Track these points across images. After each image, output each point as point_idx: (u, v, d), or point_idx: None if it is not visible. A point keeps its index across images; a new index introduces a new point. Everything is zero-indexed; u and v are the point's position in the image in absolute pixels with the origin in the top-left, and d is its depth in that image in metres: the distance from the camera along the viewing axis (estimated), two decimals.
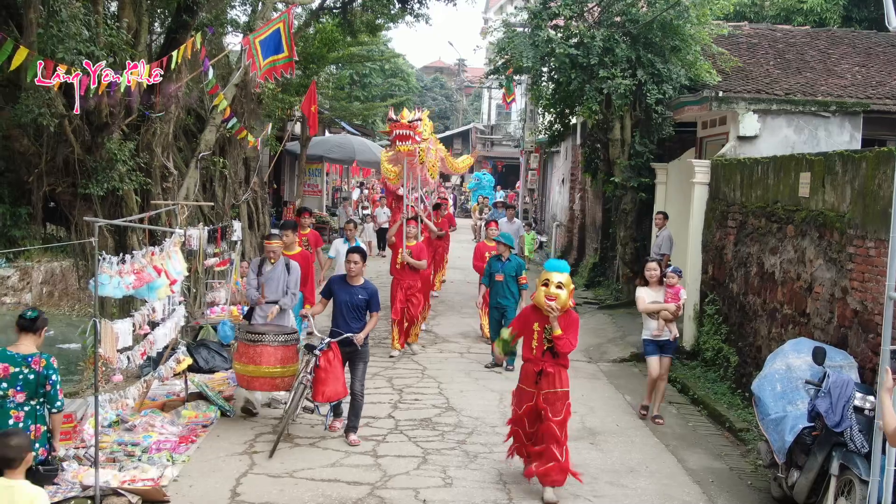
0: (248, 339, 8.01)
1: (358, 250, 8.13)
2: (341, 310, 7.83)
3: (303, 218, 12.09)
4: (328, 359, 7.60)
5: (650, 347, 8.99)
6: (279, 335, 8.04)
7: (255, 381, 8.03)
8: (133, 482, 6.45)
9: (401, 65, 43.13)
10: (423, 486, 6.88)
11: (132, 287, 6.70)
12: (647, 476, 7.36)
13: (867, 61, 14.27)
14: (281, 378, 8.02)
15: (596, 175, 16.42)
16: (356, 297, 7.84)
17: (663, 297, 8.90)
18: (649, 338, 8.98)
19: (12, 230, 10.11)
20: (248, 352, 7.98)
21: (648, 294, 8.94)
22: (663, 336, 8.86)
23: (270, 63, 10.36)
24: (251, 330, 8.15)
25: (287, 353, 8.05)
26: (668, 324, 8.84)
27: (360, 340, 7.78)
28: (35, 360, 5.52)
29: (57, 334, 16.82)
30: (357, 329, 7.78)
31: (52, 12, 8.62)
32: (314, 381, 7.62)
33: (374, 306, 7.92)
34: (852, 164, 7.56)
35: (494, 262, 10.98)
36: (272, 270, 8.72)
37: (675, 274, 9.02)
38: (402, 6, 18.07)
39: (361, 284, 7.95)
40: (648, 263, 9.13)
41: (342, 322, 7.82)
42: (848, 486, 5.85)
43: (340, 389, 7.70)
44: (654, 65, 13.54)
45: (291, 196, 25.23)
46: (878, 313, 6.72)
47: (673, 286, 8.92)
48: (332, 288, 7.98)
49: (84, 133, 10.10)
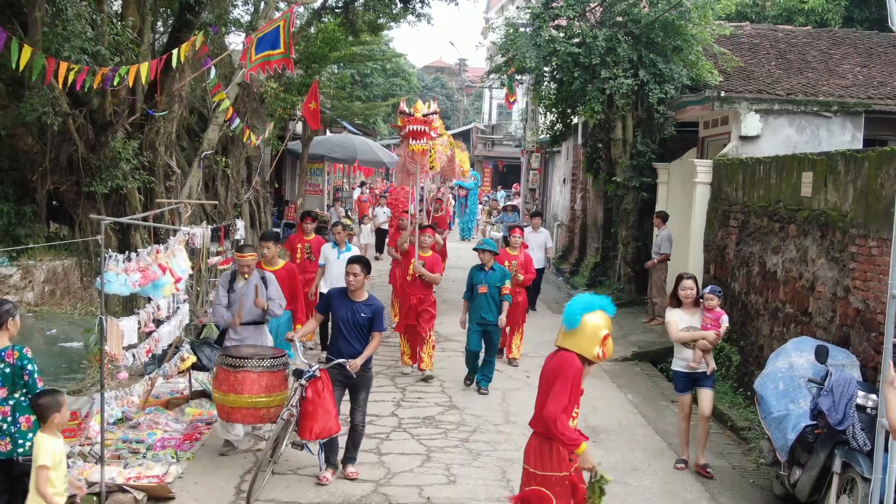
0: (228, 365, 6.88)
1: (360, 260, 7.09)
2: (340, 329, 6.83)
3: (306, 223, 11.22)
4: (316, 389, 6.52)
5: (682, 382, 7.51)
6: (264, 359, 6.90)
7: (237, 412, 6.90)
8: (138, 479, 6.48)
9: (402, 64, 43.16)
10: (426, 483, 6.91)
11: (138, 285, 6.72)
12: (650, 474, 7.39)
13: (869, 61, 14.30)
14: (266, 409, 6.87)
15: (597, 175, 16.45)
16: (358, 315, 6.79)
17: (699, 321, 7.41)
18: (682, 370, 7.48)
19: (16, 228, 10.13)
20: (227, 379, 6.86)
21: (682, 318, 7.41)
22: (699, 368, 7.41)
23: (264, 57, 10.15)
24: (231, 353, 7.02)
25: (273, 380, 6.89)
26: (705, 355, 7.39)
27: (356, 366, 6.65)
28: (8, 354, 5.49)
29: (59, 333, 16.86)
30: (358, 351, 6.75)
31: (57, 11, 8.63)
32: (301, 416, 6.52)
33: (377, 325, 6.85)
34: (854, 163, 7.59)
35: (476, 272, 9.78)
36: (245, 286, 7.69)
37: (714, 295, 7.42)
38: (404, 6, 18.08)
39: (365, 300, 6.91)
40: (683, 281, 7.46)
41: (342, 342, 6.82)
42: (850, 484, 5.87)
43: (332, 425, 6.55)
44: (655, 65, 13.57)
45: (293, 195, 25.25)
46: (880, 312, 6.75)
47: (712, 310, 7.41)
48: (330, 302, 6.97)
49: (88, 132, 10.12)
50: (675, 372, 7.64)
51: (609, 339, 5.03)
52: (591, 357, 4.97)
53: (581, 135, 18.98)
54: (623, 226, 15.08)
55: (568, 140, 20.72)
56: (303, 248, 11.10)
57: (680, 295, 7.44)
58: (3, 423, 5.48)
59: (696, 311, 7.45)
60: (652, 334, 12.84)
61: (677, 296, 7.47)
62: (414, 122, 9.94)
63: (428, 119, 9.97)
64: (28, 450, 5.53)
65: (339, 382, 6.79)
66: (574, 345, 4.99)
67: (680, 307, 7.46)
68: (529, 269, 11.08)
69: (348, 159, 26.69)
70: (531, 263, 11.30)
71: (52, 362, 13.85)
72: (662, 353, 11.71)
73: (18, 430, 5.51)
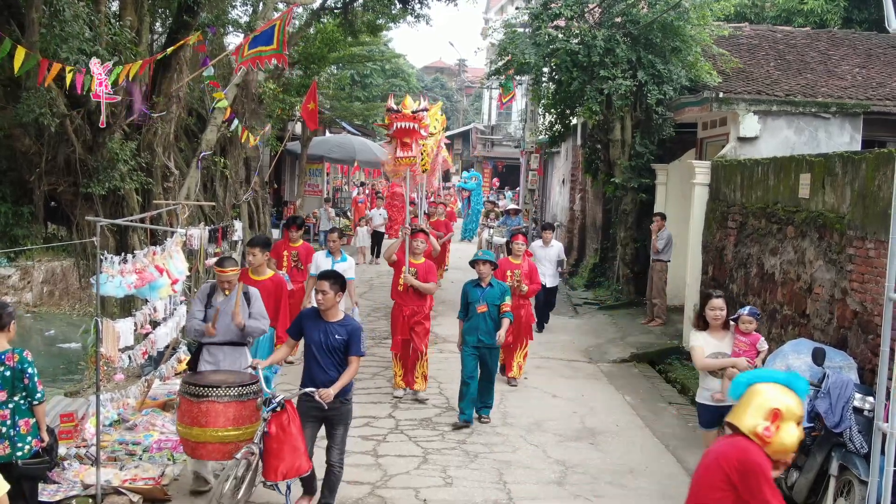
0: (190, 394, 6.00)
1: (330, 276, 6.17)
2: (314, 354, 6.03)
3: (291, 231, 10.40)
4: (281, 423, 5.76)
5: (707, 416, 6.61)
6: (231, 387, 5.99)
7: (202, 447, 6.01)
8: (134, 481, 6.47)
9: (401, 65, 43.16)
10: (423, 485, 6.90)
11: (134, 286, 6.72)
12: (647, 476, 7.38)
13: (867, 62, 14.30)
14: (236, 443, 5.98)
15: (596, 175, 16.45)
16: (332, 338, 5.99)
17: (730, 346, 6.53)
18: (707, 402, 6.58)
19: (14, 229, 10.13)
20: (190, 410, 5.97)
21: (709, 342, 6.53)
22: (727, 402, 6.09)
23: (256, 53, 10.06)
24: (194, 381, 6.11)
25: (243, 410, 5.99)
26: None
27: (329, 396, 5.80)
28: (8, 357, 5.49)
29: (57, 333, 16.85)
30: (333, 380, 5.92)
31: (54, 11, 8.63)
32: (265, 454, 5.78)
33: (354, 348, 6.04)
34: (852, 165, 7.58)
35: (472, 288, 8.63)
36: (225, 302, 6.75)
37: (752, 317, 6.55)
38: (404, 6, 18.09)
39: (339, 320, 6.10)
40: (712, 300, 6.57)
41: (315, 370, 6.02)
42: (847, 487, 5.86)
43: (301, 463, 5.83)
44: (654, 65, 13.56)
45: (292, 196, 25.25)
46: (877, 314, 6.74)
47: (748, 333, 6.53)
48: (301, 324, 6.18)
49: (85, 132, 10.12)
50: (699, 404, 6.72)
51: (786, 421, 3.64)
52: (748, 431, 3.65)
53: (580, 136, 18.98)
54: (622, 227, 15.08)
55: (567, 141, 20.71)
56: (289, 255, 10.29)
57: (708, 316, 6.53)
58: (3, 426, 5.48)
59: (726, 334, 6.56)
60: (650, 335, 12.83)
61: (704, 317, 6.56)
62: (402, 120, 8.92)
63: (417, 116, 8.97)
64: (27, 453, 5.54)
65: (312, 417, 6.01)
66: (737, 418, 3.71)
67: (707, 330, 6.57)
68: (534, 279, 10.27)
69: (347, 160, 26.72)
70: (536, 273, 10.44)
71: (51, 363, 13.84)
72: (661, 354, 11.72)
73: (18, 433, 5.52)
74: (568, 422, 8.83)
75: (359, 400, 9.14)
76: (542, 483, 7.09)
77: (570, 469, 7.44)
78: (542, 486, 7.01)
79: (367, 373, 10.35)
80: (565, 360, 11.60)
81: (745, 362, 6.34)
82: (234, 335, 6.75)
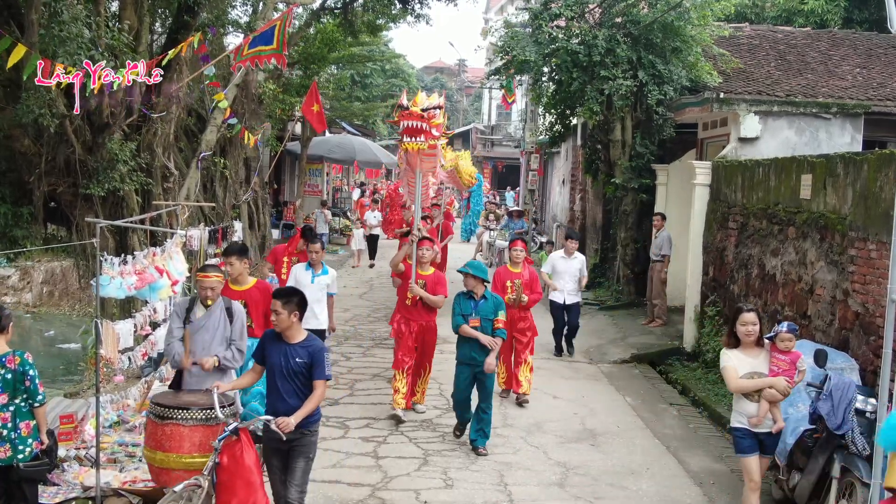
0: (155, 415, 5.48)
1: (283, 294, 5.51)
2: (275, 379, 5.46)
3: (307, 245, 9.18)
4: (234, 454, 5.22)
5: (746, 442, 5.95)
6: (198, 409, 5.40)
7: (167, 474, 5.46)
8: (134, 483, 6.45)
9: (401, 65, 43.21)
10: (423, 487, 6.88)
11: (134, 288, 6.71)
12: (648, 478, 7.36)
13: (868, 63, 14.29)
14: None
15: (597, 176, 16.44)
16: (292, 361, 5.39)
17: (765, 364, 5.92)
18: (744, 426, 5.94)
19: (14, 230, 10.13)
20: (155, 433, 5.44)
21: (742, 361, 5.91)
22: (763, 427, 5.91)
23: (255, 52, 10.02)
24: (160, 401, 5.59)
25: (210, 435, 5.38)
26: (771, 408, 5.89)
27: (288, 426, 5.15)
28: (9, 359, 5.47)
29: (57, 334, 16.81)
30: (294, 408, 5.30)
31: (53, 13, 8.62)
32: (217, 489, 5.21)
33: (318, 371, 5.40)
34: (854, 166, 7.56)
35: (465, 300, 7.90)
36: (206, 318, 6.18)
37: (791, 334, 5.89)
38: (403, 6, 18.10)
39: (301, 341, 5.47)
40: (744, 315, 5.90)
41: (274, 397, 5.45)
42: (849, 489, 5.85)
43: (257, 499, 5.26)
44: (655, 66, 13.55)
45: (292, 196, 25.25)
46: (879, 315, 6.72)
47: (787, 351, 5.90)
48: (263, 347, 5.60)
49: (85, 133, 10.13)
50: (734, 429, 6.06)
51: None
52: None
53: (580, 136, 18.97)
54: (622, 227, 15.07)
55: (567, 141, 20.71)
56: (290, 262, 9.63)
57: (739, 333, 5.90)
58: (4, 429, 5.47)
59: (761, 351, 5.95)
60: (651, 336, 12.81)
61: (735, 333, 5.95)
62: (409, 118, 7.95)
63: (428, 114, 7.97)
64: (28, 456, 5.52)
65: (273, 449, 5.43)
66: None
67: (738, 347, 5.96)
68: (535, 289, 9.61)
69: (347, 160, 26.73)
70: (537, 282, 9.72)
71: (50, 364, 13.80)
72: (661, 355, 11.70)
73: (19, 436, 5.50)
74: (568, 423, 8.82)
75: (359, 401, 9.17)
76: (543, 485, 7.08)
77: (571, 470, 7.42)
78: (543, 488, 7.00)
79: (367, 373, 10.34)
80: (565, 361, 11.59)
81: (783, 382, 5.80)
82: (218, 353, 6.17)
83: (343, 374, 10.25)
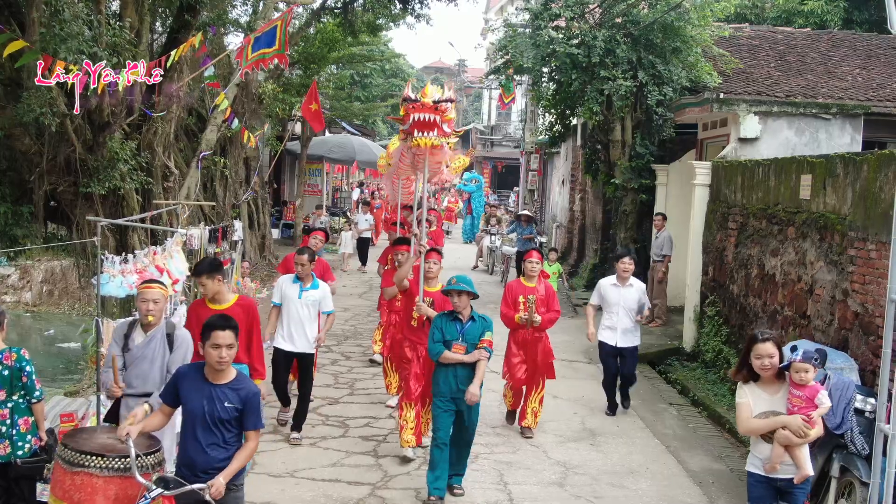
0: (64, 460, 4.48)
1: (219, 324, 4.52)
2: (194, 427, 4.51)
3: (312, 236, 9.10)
4: None
5: (757, 490, 5.09)
6: (116, 458, 4.42)
7: None
8: None
9: (401, 65, 43.23)
10: (423, 486, 6.87)
11: (134, 286, 6.71)
12: (648, 477, 7.37)
13: (868, 63, 14.29)
14: None
15: (596, 176, 16.45)
16: (219, 405, 4.48)
17: (783, 400, 5.01)
18: (758, 472, 5.08)
19: (14, 229, 10.14)
20: (63, 481, 4.46)
21: (759, 398, 5.04)
22: (783, 473, 4.98)
23: (259, 55, 10.02)
24: (70, 443, 4.57)
25: (128, 490, 4.40)
26: (791, 452, 4.94)
27: (219, 492, 4.32)
28: (6, 356, 5.49)
29: (57, 333, 16.81)
30: (218, 465, 4.45)
31: (54, 11, 8.63)
32: None
33: (252, 420, 4.56)
34: (853, 166, 7.58)
35: (447, 323, 6.54)
36: (145, 345, 5.41)
37: (807, 363, 4.93)
38: (403, 6, 18.11)
39: (230, 382, 4.55)
40: (759, 346, 4.97)
41: (193, 450, 4.50)
42: (848, 489, 5.86)
43: None
44: (654, 66, 13.56)
45: (292, 196, 25.26)
46: (878, 315, 6.73)
47: (804, 385, 4.95)
48: (177, 386, 4.61)
49: (85, 132, 10.14)
50: (748, 473, 5.18)
51: None
52: None
53: (580, 136, 18.98)
54: (622, 227, 15.07)
55: (567, 141, 20.72)
56: None
57: (755, 366, 4.99)
58: (2, 426, 5.49)
59: (782, 386, 5.03)
60: (651, 336, 12.80)
61: (750, 365, 5.04)
62: (421, 110, 6.99)
63: (440, 107, 7.01)
64: (27, 452, 5.54)
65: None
66: None
67: (756, 381, 5.07)
68: (552, 306, 8.19)
69: (347, 160, 26.75)
70: (554, 299, 8.28)
71: (50, 363, 13.80)
72: (661, 355, 11.71)
73: (17, 432, 5.52)
74: (568, 423, 8.83)
75: (359, 400, 9.18)
76: (543, 484, 7.08)
77: (571, 470, 7.43)
78: (543, 488, 7.01)
79: (367, 373, 10.35)
80: (566, 361, 11.58)
81: (798, 422, 4.86)
82: (154, 386, 5.32)
83: (343, 374, 10.26)
